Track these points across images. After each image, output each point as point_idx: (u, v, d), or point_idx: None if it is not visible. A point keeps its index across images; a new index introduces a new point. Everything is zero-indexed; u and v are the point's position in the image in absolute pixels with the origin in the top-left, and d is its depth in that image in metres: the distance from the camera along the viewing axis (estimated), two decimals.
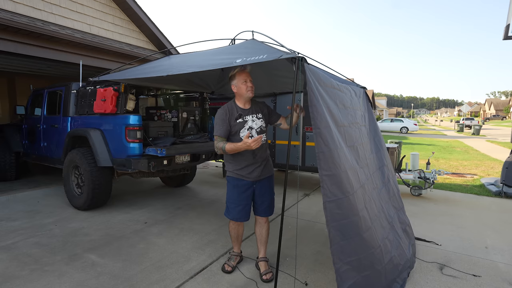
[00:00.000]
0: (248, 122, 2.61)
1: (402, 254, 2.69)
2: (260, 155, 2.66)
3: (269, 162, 2.78)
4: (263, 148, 2.68)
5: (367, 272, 2.16)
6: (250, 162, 2.63)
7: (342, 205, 2.09)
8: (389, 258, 2.40)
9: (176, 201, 5.14)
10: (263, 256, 2.85)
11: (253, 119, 2.62)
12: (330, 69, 3.20)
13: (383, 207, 2.79)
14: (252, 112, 2.64)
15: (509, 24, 7.92)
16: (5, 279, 2.68)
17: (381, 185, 3.02)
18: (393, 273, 2.40)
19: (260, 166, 2.67)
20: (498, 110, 69.54)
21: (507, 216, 4.52)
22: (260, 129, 2.63)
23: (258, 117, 2.64)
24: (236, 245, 2.97)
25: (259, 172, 2.67)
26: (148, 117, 5.58)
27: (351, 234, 2.11)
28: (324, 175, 2.06)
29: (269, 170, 2.76)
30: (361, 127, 2.97)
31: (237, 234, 2.90)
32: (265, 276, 2.70)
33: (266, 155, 2.75)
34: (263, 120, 2.66)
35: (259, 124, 2.63)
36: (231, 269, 2.86)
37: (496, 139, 18.76)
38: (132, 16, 7.59)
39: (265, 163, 2.71)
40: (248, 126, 2.60)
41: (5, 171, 6.16)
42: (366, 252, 2.18)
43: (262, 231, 2.82)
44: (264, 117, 2.70)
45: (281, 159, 6.01)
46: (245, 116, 2.60)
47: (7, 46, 4.99)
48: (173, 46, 8.10)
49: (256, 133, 2.60)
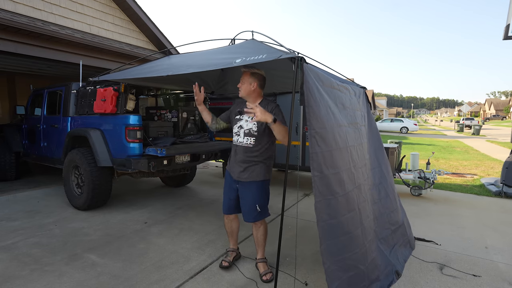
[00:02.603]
0: (242, 121, 2.64)
1: (382, 255, 2.68)
2: (240, 156, 2.63)
3: (254, 169, 2.60)
4: (246, 151, 2.61)
5: (351, 272, 2.17)
6: (232, 158, 2.71)
7: (331, 205, 2.11)
8: (371, 258, 2.40)
9: (176, 201, 5.14)
10: (261, 257, 2.84)
11: (247, 120, 2.62)
12: (329, 69, 3.20)
13: (372, 208, 2.78)
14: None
15: (509, 24, 7.92)
16: (5, 279, 2.68)
17: (373, 186, 3.01)
18: (374, 273, 2.40)
19: (239, 167, 2.64)
20: (498, 110, 69.53)
21: (507, 216, 4.52)
22: (249, 131, 2.59)
23: (252, 119, 2.56)
24: (231, 241, 3.00)
25: (237, 173, 2.65)
26: (148, 117, 5.58)
27: (338, 234, 2.13)
28: (316, 175, 2.08)
29: (250, 175, 2.60)
30: (361, 127, 2.97)
31: (230, 229, 2.92)
32: (264, 277, 2.70)
33: (249, 160, 2.60)
34: (256, 124, 2.57)
35: (250, 126, 2.59)
36: (228, 265, 2.88)
37: (496, 139, 18.76)
38: (132, 16, 7.60)
39: (245, 166, 2.60)
40: (240, 125, 2.64)
41: (5, 171, 6.17)
42: (352, 252, 2.19)
43: (257, 234, 2.78)
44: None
45: (281, 159, 6.02)
46: (243, 115, 2.63)
47: (7, 46, 4.99)
48: (173, 46, 8.11)
49: (244, 133, 2.61)
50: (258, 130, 2.57)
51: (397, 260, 2.84)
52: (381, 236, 2.83)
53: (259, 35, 2.79)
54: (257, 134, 2.58)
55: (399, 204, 3.43)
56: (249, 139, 2.59)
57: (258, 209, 2.64)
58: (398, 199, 3.44)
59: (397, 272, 2.68)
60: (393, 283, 2.57)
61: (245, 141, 2.61)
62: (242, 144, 2.62)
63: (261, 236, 2.78)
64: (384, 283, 2.47)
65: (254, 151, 2.60)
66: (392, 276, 2.61)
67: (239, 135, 2.64)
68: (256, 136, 2.58)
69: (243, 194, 2.67)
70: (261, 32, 2.80)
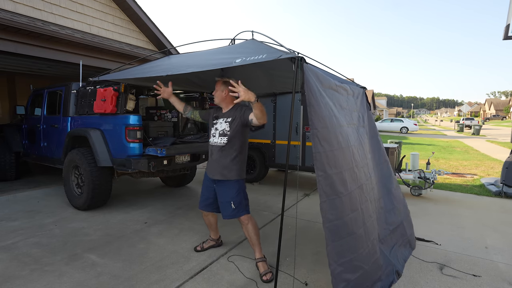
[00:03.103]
0: (217, 124, 2.86)
1: (383, 255, 2.68)
2: (215, 156, 2.82)
3: (228, 168, 2.76)
4: (220, 150, 2.77)
5: (357, 274, 2.17)
6: (209, 159, 2.91)
7: (335, 205, 2.10)
8: (375, 259, 2.40)
9: (176, 201, 5.14)
10: (259, 256, 2.86)
11: (221, 122, 2.83)
12: (329, 69, 3.20)
13: (373, 208, 2.78)
14: (225, 116, 2.83)
15: (509, 24, 7.92)
16: (5, 279, 2.68)
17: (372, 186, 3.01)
18: (376, 273, 2.40)
19: (214, 167, 2.83)
20: (498, 110, 69.52)
21: (507, 216, 4.52)
22: (223, 131, 2.78)
23: (225, 121, 2.80)
24: (211, 232, 3.29)
25: (213, 172, 2.85)
26: (148, 117, 5.58)
27: (344, 235, 2.12)
28: (320, 175, 2.08)
29: (224, 174, 2.77)
30: (359, 127, 2.97)
31: (208, 222, 3.21)
32: (264, 277, 2.70)
33: (223, 159, 2.76)
34: (228, 124, 2.77)
35: (224, 127, 2.79)
36: (200, 249, 3.23)
37: (496, 139, 18.76)
38: (132, 16, 7.59)
39: (220, 166, 2.78)
40: (215, 127, 2.86)
41: (5, 171, 6.16)
42: (357, 253, 2.18)
43: (246, 232, 2.86)
44: (235, 120, 2.75)
45: (281, 159, 6.02)
46: (219, 118, 2.87)
47: (7, 46, 4.99)
48: (173, 46, 8.11)
49: (219, 134, 2.80)
50: (230, 130, 2.76)
51: (397, 260, 2.84)
52: (381, 236, 2.83)
53: (259, 35, 2.79)
54: (229, 133, 2.75)
55: (403, 204, 3.42)
56: (223, 139, 2.77)
57: (232, 206, 2.79)
58: (400, 198, 3.42)
59: (397, 272, 2.69)
60: (393, 283, 2.57)
61: (219, 141, 2.80)
62: (217, 143, 2.81)
63: (252, 234, 2.84)
64: (385, 283, 2.48)
65: (227, 150, 2.77)
66: (392, 276, 2.61)
67: (215, 136, 2.84)
68: (229, 136, 2.75)
69: (219, 192, 2.86)
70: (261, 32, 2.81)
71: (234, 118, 2.76)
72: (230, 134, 2.75)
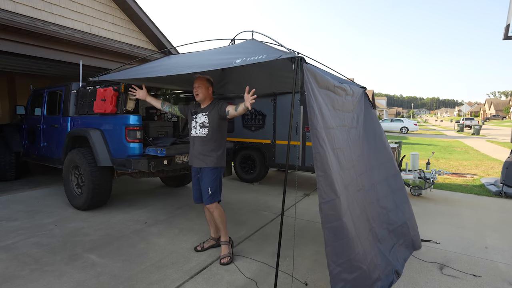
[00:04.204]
0: (197, 118, 3.08)
1: (381, 255, 2.68)
2: (197, 146, 3.04)
3: (208, 156, 3.01)
4: (201, 140, 3.01)
5: (356, 274, 2.17)
6: (191, 150, 3.10)
7: (335, 206, 2.11)
8: (370, 258, 2.40)
9: (176, 201, 5.14)
10: (223, 240, 3.11)
11: (200, 116, 3.07)
12: (329, 69, 3.20)
13: (366, 208, 2.77)
14: (204, 111, 3.07)
15: (509, 24, 7.92)
16: (5, 279, 2.68)
17: (369, 187, 3.00)
18: (375, 273, 2.40)
19: (196, 157, 3.05)
20: (498, 110, 69.52)
21: (507, 216, 4.52)
22: (203, 123, 3.03)
23: (204, 115, 3.05)
24: (211, 229, 3.34)
25: (194, 160, 3.07)
26: (148, 117, 5.58)
27: (342, 236, 2.13)
28: (320, 175, 2.08)
29: (204, 162, 3.01)
30: (351, 129, 2.96)
31: (209, 218, 3.27)
32: (222, 260, 2.95)
33: (204, 148, 3.01)
34: (207, 117, 3.02)
35: (203, 119, 3.04)
36: (200, 249, 3.25)
37: (496, 139, 18.76)
38: (132, 16, 7.60)
39: (201, 155, 3.02)
40: (195, 121, 3.08)
41: (5, 171, 6.17)
42: (355, 253, 2.19)
43: (213, 219, 3.16)
44: (213, 113, 3.01)
45: (281, 159, 6.02)
46: (198, 114, 3.09)
47: (7, 46, 4.99)
48: (173, 46, 8.11)
49: (199, 126, 3.04)
50: (209, 122, 3.01)
51: (397, 260, 2.84)
52: (379, 236, 2.83)
53: (259, 35, 2.79)
54: (209, 125, 3.01)
55: (407, 204, 3.40)
56: (203, 130, 3.02)
57: (209, 191, 3.00)
58: (405, 198, 3.40)
59: (397, 272, 2.68)
60: (393, 283, 2.57)
61: (201, 132, 3.03)
62: (198, 134, 3.04)
63: (217, 218, 3.07)
64: (385, 283, 2.47)
65: (207, 140, 3.01)
66: (392, 276, 2.61)
67: (196, 128, 3.06)
68: (209, 127, 3.01)
69: (201, 179, 3.07)
70: (261, 32, 2.83)
71: (212, 112, 3.02)
72: (209, 125, 3.01)
